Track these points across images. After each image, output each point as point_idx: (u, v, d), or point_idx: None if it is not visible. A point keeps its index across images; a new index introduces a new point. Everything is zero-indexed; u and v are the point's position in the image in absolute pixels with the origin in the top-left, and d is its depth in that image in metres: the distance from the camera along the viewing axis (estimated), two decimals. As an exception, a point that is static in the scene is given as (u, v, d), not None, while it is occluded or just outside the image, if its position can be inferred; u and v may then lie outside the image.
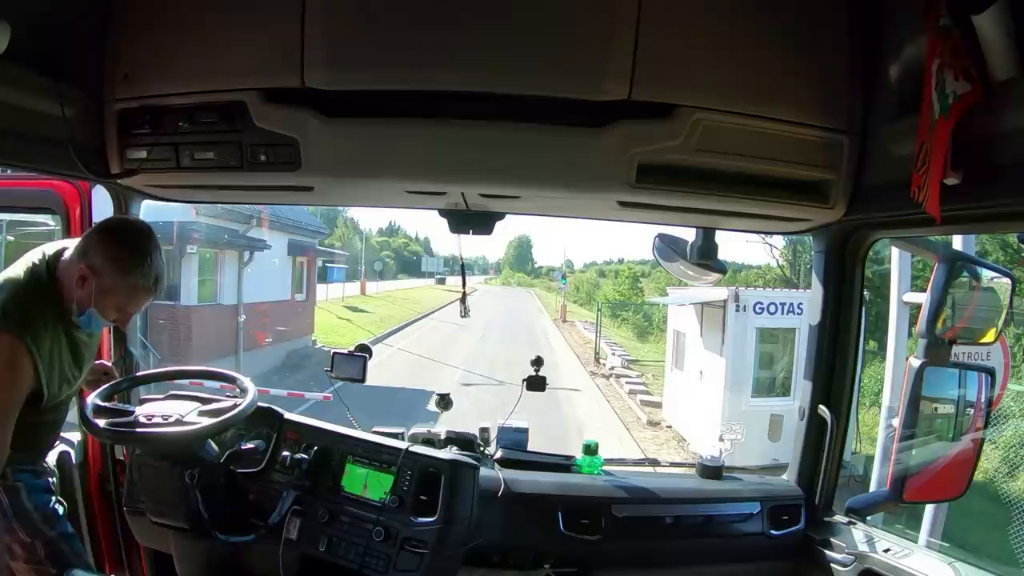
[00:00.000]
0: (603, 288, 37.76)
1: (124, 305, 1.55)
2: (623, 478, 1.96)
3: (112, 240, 1.53)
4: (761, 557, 1.87)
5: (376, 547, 1.67)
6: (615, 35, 1.32)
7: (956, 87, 1.08)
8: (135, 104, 1.51)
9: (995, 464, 5.94)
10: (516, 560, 1.78)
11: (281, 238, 14.11)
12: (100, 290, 1.50)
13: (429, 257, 55.82)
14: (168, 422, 1.65)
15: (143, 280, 1.53)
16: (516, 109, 1.37)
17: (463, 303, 2.17)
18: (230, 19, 1.42)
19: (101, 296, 1.51)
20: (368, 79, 1.37)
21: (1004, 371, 4.51)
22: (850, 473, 4.63)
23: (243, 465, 1.81)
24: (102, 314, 1.54)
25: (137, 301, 1.57)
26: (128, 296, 1.54)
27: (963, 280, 1.69)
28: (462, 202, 1.68)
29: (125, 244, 1.53)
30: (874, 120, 1.44)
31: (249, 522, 1.75)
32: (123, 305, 1.55)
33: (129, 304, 1.56)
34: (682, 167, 1.45)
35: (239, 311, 12.06)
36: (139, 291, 1.54)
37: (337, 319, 19.24)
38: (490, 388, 9.87)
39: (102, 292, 1.51)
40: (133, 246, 1.54)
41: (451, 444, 1.95)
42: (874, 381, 7.29)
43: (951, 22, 1.09)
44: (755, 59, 1.39)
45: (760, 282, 15.94)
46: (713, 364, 8.94)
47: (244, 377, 1.82)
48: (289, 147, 1.46)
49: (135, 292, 1.54)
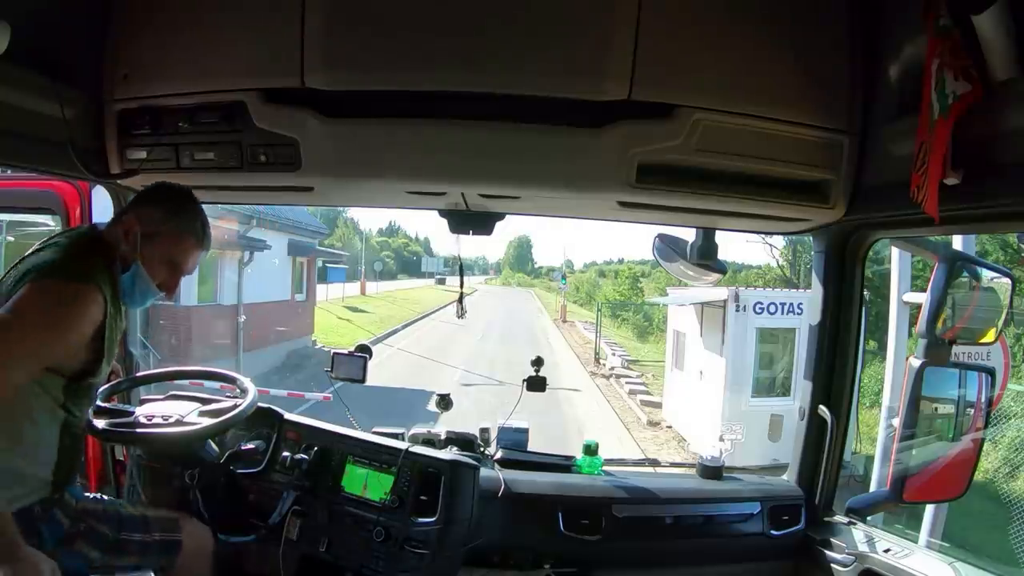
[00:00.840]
0: (603, 288, 37.76)
1: (174, 255, 1.48)
2: (623, 478, 1.96)
3: (158, 193, 1.50)
4: (761, 557, 1.87)
5: (376, 547, 1.67)
6: (615, 35, 1.32)
7: (956, 87, 1.08)
8: (135, 104, 1.51)
9: (995, 464, 5.94)
10: (516, 560, 1.78)
11: (281, 238, 14.10)
12: (147, 237, 1.44)
13: (429, 257, 55.84)
14: (168, 422, 1.65)
15: (192, 225, 1.49)
16: (516, 109, 1.37)
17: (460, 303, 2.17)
18: (230, 19, 1.42)
19: (150, 245, 1.44)
20: (368, 79, 1.37)
21: (1004, 371, 4.50)
22: (850, 473, 4.62)
23: (243, 465, 1.81)
24: (150, 271, 1.45)
25: (187, 252, 1.50)
26: (177, 244, 1.48)
27: (963, 280, 1.68)
28: (462, 202, 1.68)
29: (171, 193, 1.51)
30: (874, 120, 1.44)
31: (249, 522, 1.76)
32: (173, 255, 1.48)
33: (178, 254, 1.49)
34: (682, 167, 1.45)
35: (239, 311, 12.06)
36: (188, 238, 1.49)
37: (337, 319, 19.24)
38: (490, 388, 9.86)
39: (150, 240, 1.44)
40: (179, 195, 1.51)
41: (451, 444, 1.96)
42: (874, 381, 7.28)
43: (951, 22, 1.09)
44: (755, 59, 1.39)
45: (760, 282, 15.94)
46: (713, 364, 8.93)
47: (244, 377, 1.83)
48: (289, 147, 1.46)
49: (184, 240, 1.49)
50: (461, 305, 2.11)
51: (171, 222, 1.47)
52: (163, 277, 1.49)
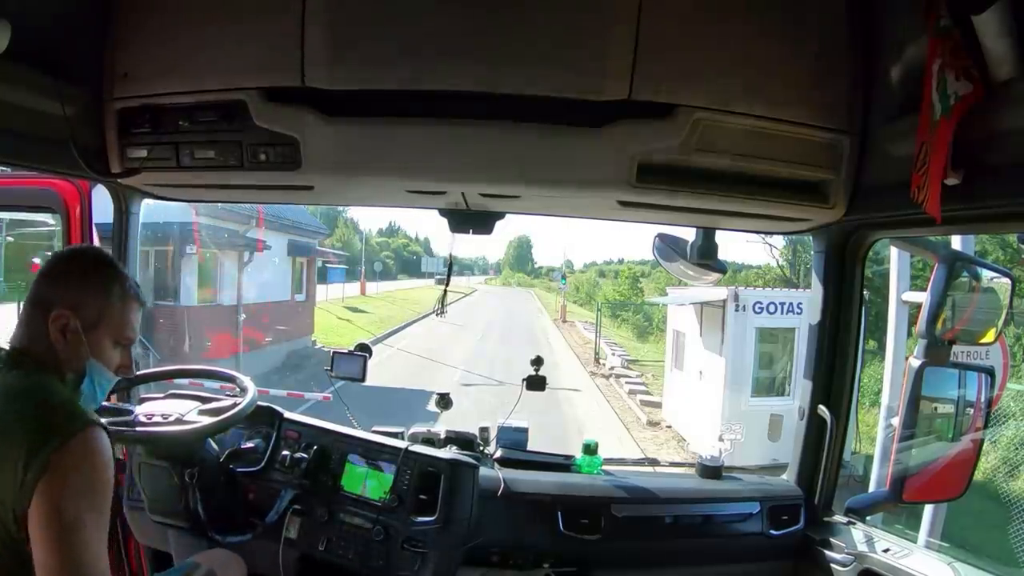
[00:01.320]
0: (603, 288, 37.80)
1: (123, 330, 1.27)
2: (623, 478, 1.96)
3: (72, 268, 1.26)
4: (761, 557, 1.87)
5: (376, 547, 1.67)
6: (615, 35, 1.32)
7: (957, 87, 1.08)
8: (135, 103, 1.50)
9: (995, 464, 5.94)
10: (516, 560, 1.78)
11: (281, 238, 14.10)
12: (90, 325, 1.21)
13: (429, 257, 55.80)
14: (168, 421, 1.65)
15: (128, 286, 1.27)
16: (516, 109, 1.37)
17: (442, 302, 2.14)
18: (230, 18, 1.41)
19: (93, 333, 1.22)
20: (368, 78, 1.37)
21: (1004, 371, 4.51)
22: (850, 473, 4.63)
23: (243, 464, 1.81)
24: (102, 358, 1.24)
25: (134, 320, 1.29)
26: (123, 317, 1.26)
27: (963, 280, 1.68)
28: (462, 202, 1.68)
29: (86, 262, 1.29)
30: (874, 120, 1.44)
31: (248, 521, 1.76)
32: (122, 331, 1.27)
33: (126, 328, 1.27)
34: (682, 167, 1.45)
35: (239, 311, 12.06)
36: (131, 304, 1.28)
37: (337, 319, 19.23)
38: (490, 388, 9.86)
39: (94, 328, 1.22)
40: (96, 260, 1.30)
41: (451, 444, 1.96)
42: (874, 381, 7.29)
43: (951, 22, 1.09)
44: (755, 59, 1.39)
45: (760, 282, 15.94)
46: (713, 364, 8.93)
47: (244, 376, 1.83)
48: (289, 146, 1.46)
49: (128, 309, 1.27)
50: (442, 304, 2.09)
51: (108, 296, 1.24)
52: (118, 359, 1.28)
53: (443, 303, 2.11)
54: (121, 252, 1.91)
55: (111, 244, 1.91)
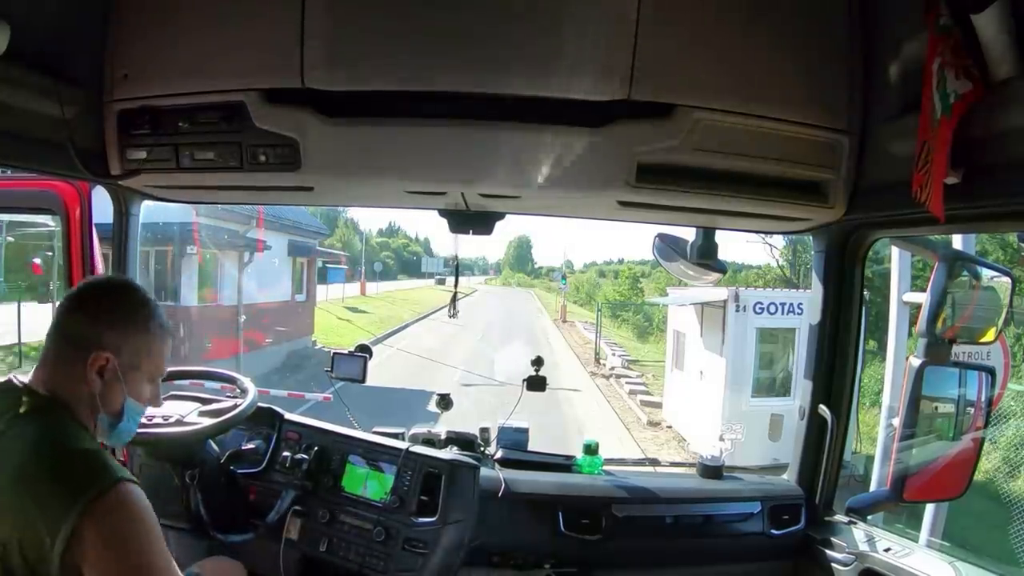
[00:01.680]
0: (603, 288, 37.79)
1: (158, 366, 1.21)
2: (623, 478, 1.96)
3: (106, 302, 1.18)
4: (761, 557, 1.87)
5: (376, 547, 1.67)
6: (615, 35, 1.32)
7: (957, 86, 1.08)
8: (135, 104, 1.50)
9: (995, 463, 5.94)
10: (516, 560, 1.78)
11: (281, 239, 14.11)
12: (129, 367, 1.15)
13: (429, 258, 55.82)
14: (168, 422, 1.65)
15: (161, 319, 1.21)
16: (516, 109, 1.37)
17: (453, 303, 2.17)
18: (230, 19, 1.41)
19: (132, 374, 1.16)
20: (368, 79, 1.37)
21: (1004, 370, 4.51)
22: (850, 473, 4.61)
23: (243, 465, 1.81)
24: (137, 397, 1.18)
25: (167, 352, 1.23)
26: (160, 354, 1.21)
27: (963, 280, 1.68)
28: (462, 202, 1.68)
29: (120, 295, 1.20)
30: (874, 120, 1.44)
31: (249, 522, 1.76)
32: (156, 367, 1.21)
33: (162, 364, 1.22)
34: (682, 167, 1.45)
35: (239, 312, 12.07)
36: (166, 339, 1.22)
37: (337, 320, 19.23)
38: (490, 388, 9.86)
39: (132, 369, 1.16)
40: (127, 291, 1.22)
41: (451, 444, 1.96)
42: (874, 381, 7.29)
43: (951, 21, 1.09)
44: (755, 59, 1.39)
45: (760, 282, 15.95)
46: (713, 364, 8.94)
47: (244, 377, 1.83)
48: (289, 147, 1.46)
49: (163, 344, 1.21)
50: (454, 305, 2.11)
51: (148, 337, 1.18)
52: (148, 394, 1.22)
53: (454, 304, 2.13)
54: (121, 254, 1.91)
55: (111, 245, 1.91)
